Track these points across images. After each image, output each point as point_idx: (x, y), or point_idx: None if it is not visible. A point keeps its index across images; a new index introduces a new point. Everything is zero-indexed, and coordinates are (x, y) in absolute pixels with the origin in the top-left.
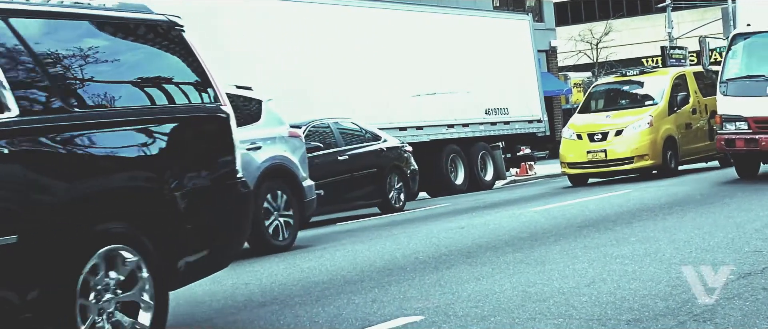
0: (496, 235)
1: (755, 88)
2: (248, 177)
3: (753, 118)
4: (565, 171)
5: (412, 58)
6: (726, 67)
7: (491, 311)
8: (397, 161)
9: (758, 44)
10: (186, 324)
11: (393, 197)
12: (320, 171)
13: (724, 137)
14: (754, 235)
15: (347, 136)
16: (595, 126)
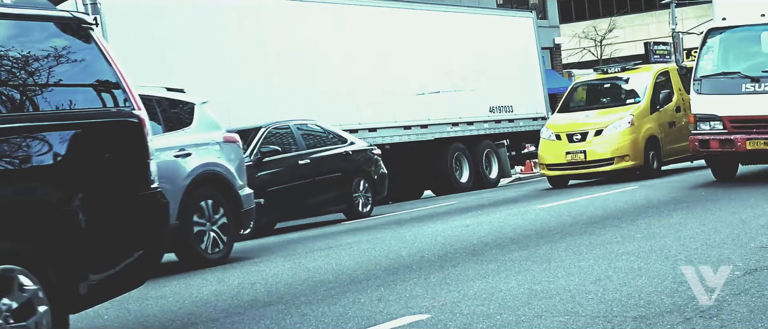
0: (501, 233)
1: (731, 85)
2: (175, 186)
3: (728, 117)
4: (544, 173)
5: (416, 56)
6: (700, 63)
7: (497, 309)
8: (364, 164)
9: (734, 39)
10: (192, 324)
11: (359, 203)
12: (279, 176)
13: (698, 137)
14: (760, 231)
15: (310, 138)
16: (574, 126)
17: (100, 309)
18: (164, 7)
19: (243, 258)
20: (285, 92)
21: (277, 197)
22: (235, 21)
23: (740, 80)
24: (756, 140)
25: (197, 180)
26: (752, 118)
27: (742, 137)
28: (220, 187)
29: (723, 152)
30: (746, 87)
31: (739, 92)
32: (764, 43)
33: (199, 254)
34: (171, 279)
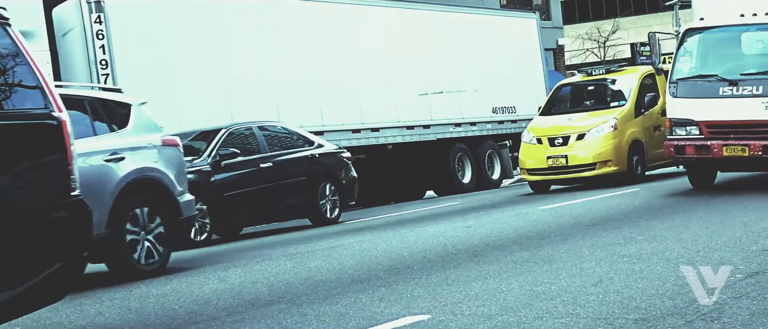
0: (503, 234)
1: (707, 89)
2: (106, 193)
3: (705, 122)
4: (525, 178)
5: (420, 56)
6: (676, 66)
7: (498, 310)
8: (332, 168)
9: (711, 41)
10: (193, 322)
11: (326, 208)
12: (238, 180)
13: (674, 143)
14: (762, 234)
15: (274, 141)
16: (555, 129)
17: (101, 308)
18: (168, 6)
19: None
20: (287, 91)
21: (236, 202)
22: (238, 20)
23: (717, 84)
24: (733, 146)
25: (131, 186)
26: (729, 123)
27: (719, 143)
28: (157, 193)
29: (699, 158)
30: (724, 91)
31: (716, 95)
32: (743, 45)
33: (131, 264)
34: (172, 277)
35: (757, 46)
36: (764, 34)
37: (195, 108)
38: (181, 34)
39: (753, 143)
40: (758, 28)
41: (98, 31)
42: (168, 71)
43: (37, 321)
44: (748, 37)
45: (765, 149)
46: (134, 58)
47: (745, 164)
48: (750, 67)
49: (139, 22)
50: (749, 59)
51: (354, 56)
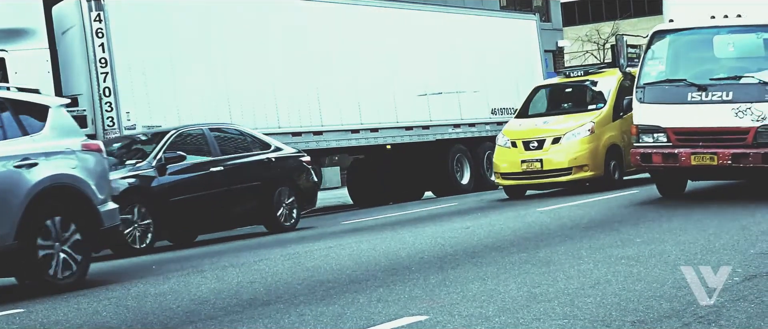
0: (501, 235)
1: (676, 94)
2: (14, 201)
3: (673, 129)
4: (499, 182)
5: (419, 57)
6: (643, 69)
7: (496, 311)
8: (289, 173)
9: (681, 43)
10: (190, 322)
11: (282, 215)
12: (185, 185)
13: (640, 151)
14: (760, 237)
15: (226, 144)
16: (530, 133)
17: (99, 306)
18: (167, 5)
19: (182, 268)
20: (286, 90)
21: (183, 208)
22: (238, 20)
23: (686, 89)
24: (702, 154)
25: (44, 194)
26: (698, 130)
27: (687, 151)
28: (75, 202)
29: (666, 167)
30: (692, 96)
31: (685, 101)
32: (713, 48)
33: (44, 278)
34: (170, 277)
35: (727, 50)
36: (735, 37)
37: (194, 107)
38: (181, 32)
39: (722, 151)
40: (729, 30)
41: (98, 30)
42: (167, 70)
43: (34, 320)
44: (718, 41)
45: (734, 157)
46: (133, 57)
47: (714, 173)
48: (720, 72)
49: (138, 20)
50: (719, 63)
51: (353, 57)
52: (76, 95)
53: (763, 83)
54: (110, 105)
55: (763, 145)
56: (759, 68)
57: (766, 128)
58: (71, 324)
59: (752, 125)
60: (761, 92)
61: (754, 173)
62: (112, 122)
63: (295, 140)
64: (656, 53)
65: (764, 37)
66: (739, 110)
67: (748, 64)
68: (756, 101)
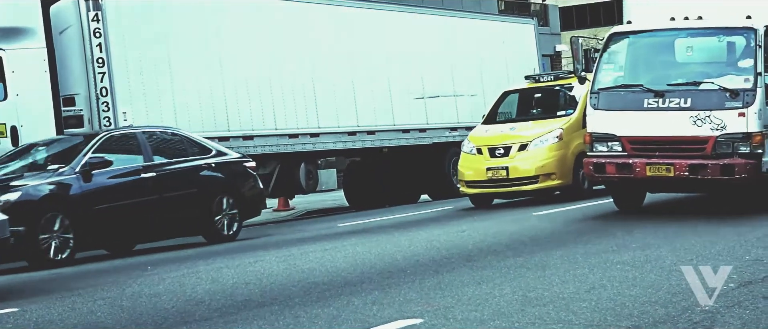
0: (497, 239)
1: (632, 100)
2: None
3: (628, 137)
4: (464, 191)
5: (417, 60)
6: (598, 74)
7: (491, 315)
8: (232, 179)
9: (638, 47)
10: (185, 323)
11: (222, 224)
12: (112, 192)
13: (593, 160)
14: (756, 243)
15: (161, 148)
16: (497, 139)
17: (93, 306)
18: (166, 5)
19: (177, 268)
20: (283, 92)
21: (108, 218)
22: (236, 20)
23: (642, 95)
24: (657, 165)
25: None
26: (654, 139)
27: (642, 162)
28: None
29: (621, 178)
30: (649, 103)
31: (641, 108)
32: (672, 52)
33: None
34: (165, 277)
35: (686, 54)
36: (695, 40)
37: (191, 107)
38: (178, 33)
39: (679, 162)
40: (689, 33)
41: (95, 30)
42: (164, 70)
43: (28, 319)
44: (677, 44)
45: (692, 168)
46: (131, 57)
47: (671, 185)
48: (678, 77)
49: (136, 20)
50: (678, 68)
51: (351, 59)
52: (73, 95)
53: (723, 89)
54: (107, 105)
55: (723, 156)
56: (720, 74)
57: (725, 138)
58: (66, 324)
59: (711, 134)
60: (721, 99)
61: (712, 185)
62: (108, 122)
63: (292, 142)
64: (612, 57)
65: (726, 41)
66: (697, 118)
67: (708, 69)
68: (715, 109)
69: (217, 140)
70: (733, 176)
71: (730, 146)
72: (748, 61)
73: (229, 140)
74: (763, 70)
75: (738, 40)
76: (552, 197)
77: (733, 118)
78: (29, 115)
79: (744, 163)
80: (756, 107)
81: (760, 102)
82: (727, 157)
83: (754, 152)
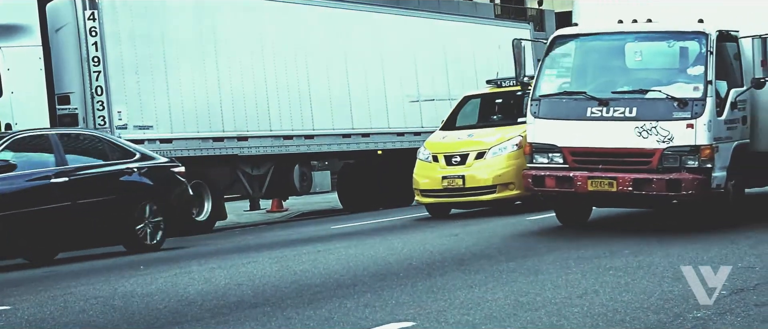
0: (489, 243)
1: (574, 109)
2: None
3: (569, 149)
4: (419, 200)
5: (412, 64)
6: (540, 80)
7: (483, 319)
8: (157, 185)
9: (583, 51)
10: (177, 323)
11: (144, 233)
12: (15, 199)
13: (532, 173)
14: (748, 251)
15: (77, 151)
16: (454, 146)
17: (86, 306)
18: (162, 5)
19: (170, 268)
20: (278, 94)
21: (14, 225)
22: (231, 21)
23: (585, 103)
24: (600, 179)
25: None
26: (597, 150)
27: (583, 175)
28: None
29: (560, 192)
30: (592, 111)
31: (584, 117)
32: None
33: None
34: (157, 277)
35: (634, 59)
36: (644, 45)
37: (186, 107)
38: (174, 33)
39: (622, 176)
40: (637, 37)
41: (91, 28)
42: (160, 70)
43: (20, 317)
44: (624, 48)
45: (636, 183)
46: (126, 56)
47: (614, 200)
48: (624, 85)
49: (132, 20)
50: (624, 75)
51: (347, 61)
52: (68, 93)
53: (671, 98)
54: (102, 104)
55: (669, 170)
56: (668, 81)
57: (672, 151)
58: (58, 323)
59: (657, 146)
60: (669, 108)
61: (657, 201)
62: (103, 121)
63: (287, 144)
64: (555, 62)
65: (677, 46)
66: (643, 129)
67: (656, 77)
68: (662, 120)
69: (212, 140)
70: (679, 192)
71: (678, 160)
72: (698, 68)
73: (223, 141)
74: (714, 78)
75: (688, 46)
76: (512, 208)
77: (681, 129)
78: (24, 113)
79: (692, 178)
80: (706, 118)
81: (711, 113)
82: (673, 171)
83: (702, 166)
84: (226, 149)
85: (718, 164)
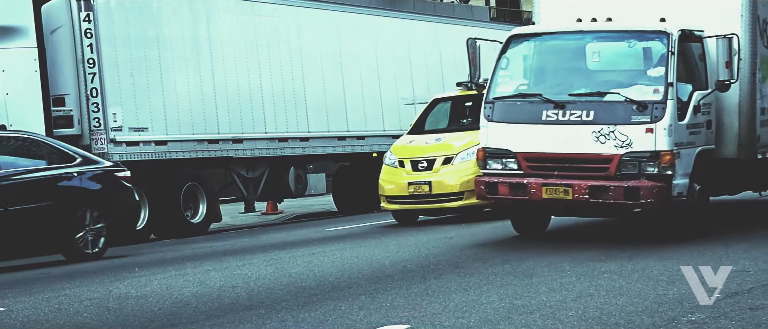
0: (484, 246)
1: (529, 112)
2: None
3: (524, 154)
4: (384, 206)
5: (407, 66)
6: (494, 81)
7: (477, 322)
8: (98, 191)
9: (541, 51)
10: (171, 325)
11: (84, 241)
12: None
13: (485, 179)
14: (743, 255)
15: (13, 154)
16: (420, 151)
17: (80, 307)
18: (158, 7)
19: (165, 270)
20: (273, 96)
21: None
22: (228, 23)
23: (541, 106)
24: (555, 186)
25: None
26: (552, 156)
27: (538, 182)
28: None
29: (515, 200)
30: (548, 115)
31: (539, 121)
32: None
33: None
34: (152, 279)
35: (592, 60)
36: (603, 44)
37: (181, 109)
38: (170, 35)
39: (578, 183)
40: (596, 36)
41: (87, 30)
42: (155, 72)
43: (14, 319)
44: (582, 48)
45: (592, 191)
46: (122, 58)
47: (571, 208)
48: (581, 87)
49: (127, 22)
50: (582, 76)
51: (342, 64)
52: (63, 95)
53: (629, 101)
54: (97, 106)
55: (628, 177)
56: (628, 83)
57: (631, 157)
58: (52, 324)
59: (615, 152)
60: (627, 112)
61: (616, 210)
62: (98, 123)
63: (282, 146)
64: (511, 62)
65: (637, 46)
66: (600, 134)
67: (615, 78)
68: (621, 124)
69: (207, 142)
70: (638, 200)
71: (637, 167)
72: (659, 69)
73: (218, 143)
74: (675, 80)
75: (649, 46)
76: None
77: (640, 134)
78: (19, 115)
79: (651, 186)
80: (666, 122)
81: (671, 116)
82: (632, 178)
83: (663, 173)
84: (221, 151)
85: (680, 171)
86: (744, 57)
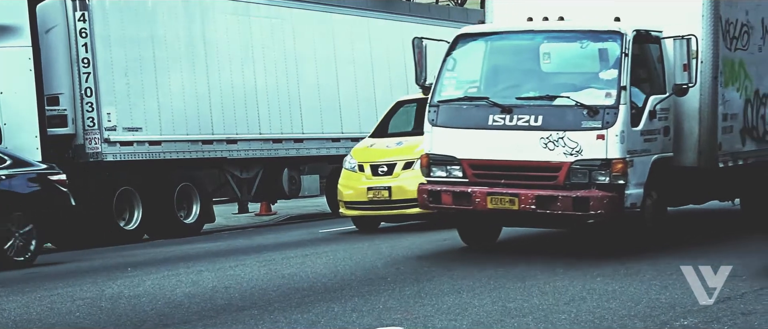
0: (477, 249)
1: (475, 117)
2: None
3: (469, 161)
4: (344, 213)
5: (401, 67)
6: (439, 84)
7: (470, 324)
8: (29, 195)
9: (489, 51)
10: (164, 325)
11: (13, 248)
12: None
13: (428, 187)
14: (736, 260)
15: None
16: (380, 155)
17: (73, 307)
18: (153, 7)
19: (158, 270)
20: (267, 97)
21: None
22: (222, 24)
23: (487, 110)
24: (500, 196)
25: None
26: (499, 163)
27: (483, 191)
28: None
29: (459, 210)
30: (494, 120)
31: (485, 126)
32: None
33: None
34: (145, 279)
35: (542, 62)
36: (554, 45)
37: (176, 109)
38: (164, 35)
39: (524, 192)
40: (546, 36)
41: (81, 30)
42: (150, 72)
43: (7, 318)
44: (532, 49)
45: (539, 201)
46: (116, 58)
47: (519, 219)
48: (529, 90)
49: (122, 22)
50: (531, 79)
51: (336, 64)
52: (57, 94)
53: (580, 106)
54: (91, 105)
55: (577, 186)
56: (579, 87)
57: (581, 165)
58: (44, 324)
59: (565, 159)
60: (577, 117)
61: (566, 221)
62: (92, 123)
63: (276, 147)
64: (457, 64)
65: (593, 47)
66: (549, 140)
67: (565, 81)
68: (571, 129)
69: (201, 142)
70: (587, 211)
71: (587, 175)
72: (611, 72)
73: (213, 143)
74: (628, 83)
75: (603, 47)
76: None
77: (591, 141)
78: (13, 114)
79: (601, 196)
80: (618, 128)
81: (624, 122)
82: (582, 188)
83: (614, 182)
84: (215, 151)
85: (633, 181)
86: (705, 60)
